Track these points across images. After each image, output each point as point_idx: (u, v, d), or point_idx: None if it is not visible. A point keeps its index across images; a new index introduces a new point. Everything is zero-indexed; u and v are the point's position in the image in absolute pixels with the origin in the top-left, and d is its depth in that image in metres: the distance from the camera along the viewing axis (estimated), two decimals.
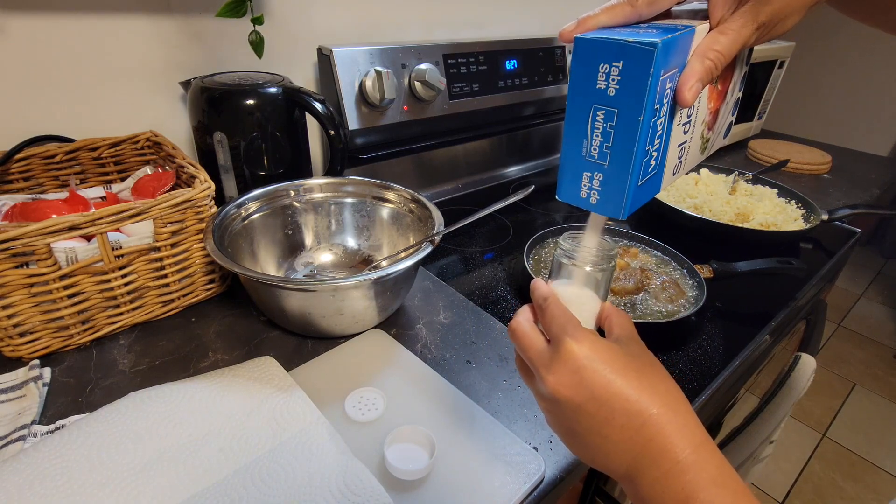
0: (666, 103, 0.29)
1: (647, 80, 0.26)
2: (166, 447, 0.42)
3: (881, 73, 2.44)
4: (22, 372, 0.50)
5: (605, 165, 0.29)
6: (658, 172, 0.32)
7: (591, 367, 0.29)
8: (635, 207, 0.31)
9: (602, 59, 0.27)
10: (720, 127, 0.40)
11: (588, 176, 0.30)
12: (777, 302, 0.74)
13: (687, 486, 0.26)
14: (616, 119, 0.28)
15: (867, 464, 1.61)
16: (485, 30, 1.05)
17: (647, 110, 0.27)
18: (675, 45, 0.28)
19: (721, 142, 0.41)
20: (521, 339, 0.33)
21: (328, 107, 0.68)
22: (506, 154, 1.15)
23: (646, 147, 0.29)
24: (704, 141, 0.37)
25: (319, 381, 0.51)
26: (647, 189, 0.31)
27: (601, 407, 0.29)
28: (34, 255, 0.47)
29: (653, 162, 0.31)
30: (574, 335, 0.30)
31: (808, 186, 1.18)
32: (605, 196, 0.30)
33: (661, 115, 0.29)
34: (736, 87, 0.39)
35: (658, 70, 0.26)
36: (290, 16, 0.78)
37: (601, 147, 0.29)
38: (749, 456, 0.84)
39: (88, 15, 0.63)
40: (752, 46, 0.32)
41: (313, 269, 0.68)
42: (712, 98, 0.35)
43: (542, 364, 0.31)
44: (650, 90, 0.26)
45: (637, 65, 0.26)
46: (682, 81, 0.29)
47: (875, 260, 2.74)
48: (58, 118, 0.66)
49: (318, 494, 0.39)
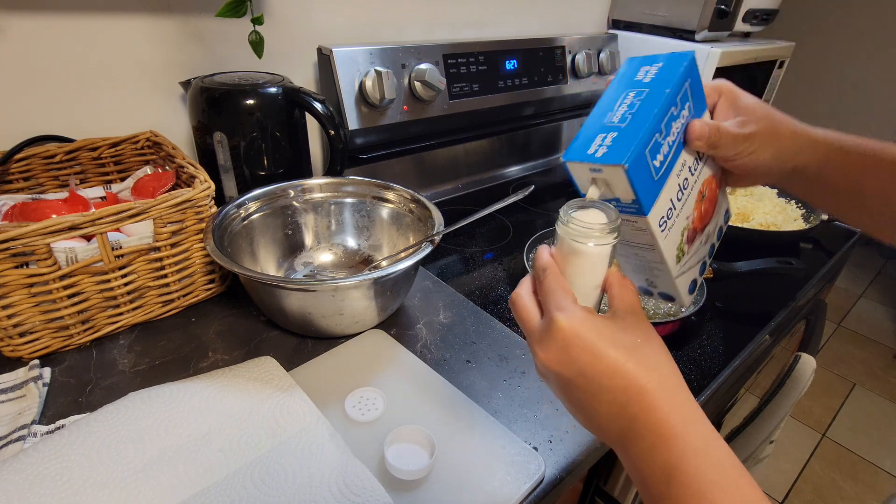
0: (678, 127, 0.34)
1: (679, 71, 0.34)
2: (166, 447, 0.42)
3: (881, 73, 2.44)
4: (22, 372, 0.50)
5: (623, 126, 0.33)
6: (657, 185, 0.34)
7: (579, 343, 0.29)
8: (634, 181, 0.32)
9: (644, 64, 0.36)
10: (697, 253, 0.40)
11: (602, 136, 0.33)
12: (777, 302, 0.74)
13: (672, 457, 0.26)
14: (645, 95, 0.34)
15: (867, 463, 1.61)
16: (485, 30, 1.05)
17: (672, 90, 0.33)
18: (696, 81, 0.35)
19: (695, 273, 0.41)
20: (519, 311, 0.33)
21: (328, 107, 0.68)
22: (506, 154, 1.15)
23: (660, 126, 0.33)
24: (680, 248, 0.38)
25: (319, 381, 0.51)
26: (644, 185, 0.33)
27: (590, 382, 0.29)
28: (34, 255, 0.47)
29: (659, 156, 0.33)
30: (564, 310, 0.30)
31: None
32: (612, 149, 0.32)
33: (674, 134, 0.34)
34: (715, 229, 0.42)
35: (687, 71, 0.34)
36: (290, 16, 0.78)
37: (624, 114, 0.33)
38: (749, 456, 0.84)
39: (88, 15, 0.63)
40: (733, 163, 0.38)
41: (313, 269, 0.68)
42: (698, 206, 0.39)
43: (535, 338, 0.32)
44: (679, 80, 0.33)
45: (673, 64, 0.34)
46: (692, 123, 0.35)
47: (875, 260, 2.74)
48: (58, 118, 0.66)
49: (318, 494, 0.39)
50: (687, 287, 0.41)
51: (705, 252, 0.42)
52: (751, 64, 1.24)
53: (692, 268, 0.41)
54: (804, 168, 0.39)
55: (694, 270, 0.41)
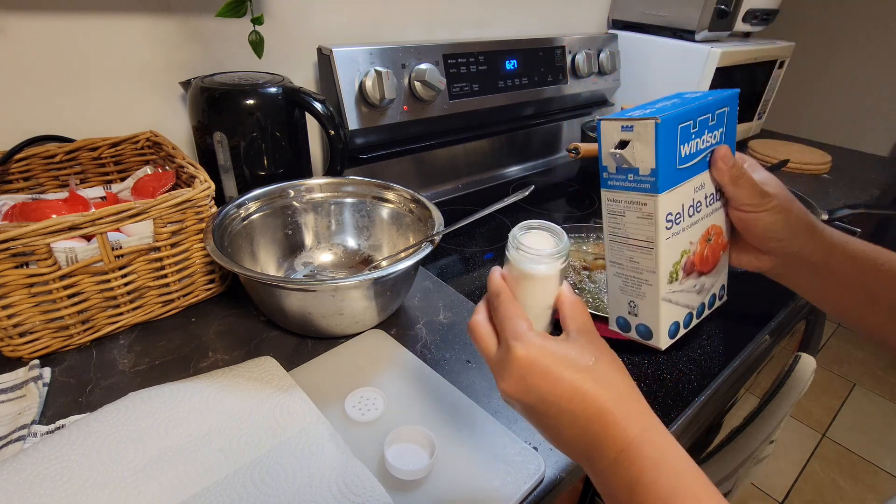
0: (707, 140, 0.36)
1: (722, 96, 0.37)
2: (166, 447, 0.42)
3: (881, 73, 2.44)
4: (22, 372, 0.50)
5: (661, 107, 0.35)
6: (677, 174, 0.35)
7: (537, 370, 0.30)
8: (661, 143, 0.33)
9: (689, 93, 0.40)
10: (688, 294, 0.40)
11: (641, 111, 0.35)
12: (777, 302, 0.74)
13: (632, 471, 0.28)
14: (685, 99, 0.37)
15: (867, 464, 1.61)
16: (485, 30, 1.05)
17: (713, 101, 0.36)
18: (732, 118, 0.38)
19: (679, 315, 0.40)
20: (477, 340, 0.34)
21: (328, 107, 0.68)
22: (506, 154, 1.15)
23: (696, 119, 0.34)
24: (676, 268, 0.37)
25: (319, 381, 0.51)
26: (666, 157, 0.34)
27: (551, 407, 0.30)
28: (34, 255, 0.47)
29: (686, 148, 0.35)
30: (520, 338, 0.31)
31: (808, 186, 1.18)
32: (648, 114, 0.33)
33: (704, 141, 0.36)
34: (710, 290, 0.43)
35: (728, 99, 0.38)
36: (290, 16, 0.78)
37: (663, 106, 0.35)
38: (749, 456, 0.84)
39: (88, 15, 0.63)
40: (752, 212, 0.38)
41: (313, 269, 0.68)
42: (703, 243, 0.39)
43: (495, 368, 0.33)
44: (720, 100, 0.37)
45: (715, 93, 0.38)
46: (720, 145, 0.37)
47: None
48: (58, 118, 0.66)
49: (318, 494, 0.39)
50: (669, 324, 0.39)
51: (694, 303, 0.41)
52: (751, 64, 1.24)
53: (679, 306, 0.39)
54: (810, 256, 0.39)
55: (679, 312, 0.39)
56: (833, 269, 0.39)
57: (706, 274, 0.40)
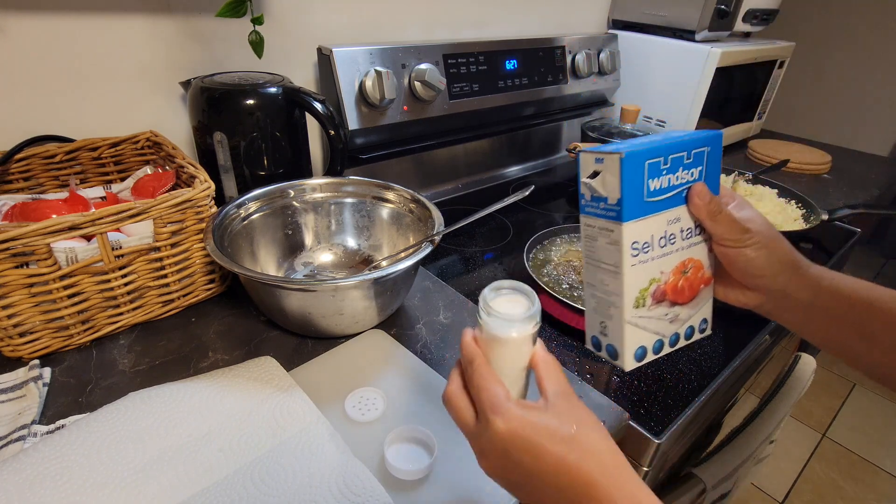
0: (682, 177, 0.37)
1: (702, 135, 0.38)
2: (166, 447, 0.42)
3: (881, 73, 2.44)
4: (22, 372, 0.50)
5: (636, 142, 0.37)
6: (643, 206, 0.37)
7: (519, 445, 0.29)
8: (625, 177, 0.35)
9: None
10: (658, 322, 0.41)
11: (618, 144, 0.37)
12: None
13: None
14: (664, 137, 0.38)
15: (867, 464, 1.61)
16: (485, 30, 1.05)
17: (688, 140, 0.37)
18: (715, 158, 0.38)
19: (648, 340, 0.41)
20: (454, 412, 0.33)
21: (328, 107, 0.68)
22: (506, 154, 1.15)
23: (666, 156, 0.36)
24: (643, 294, 0.39)
25: (319, 381, 0.51)
26: (632, 190, 0.36)
27: (535, 482, 0.30)
28: (34, 255, 0.47)
29: (656, 182, 0.37)
30: (499, 410, 0.30)
31: (808, 186, 1.18)
32: (618, 147, 0.35)
33: (677, 178, 0.37)
34: (686, 322, 0.43)
35: (708, 139, 0.38)
36: (290, 16, 0.78)
37: (641, 141, 0.37)
38: (749, 456, 0.84)
39: (88, 15, 0.63)
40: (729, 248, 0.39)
41: (313, 269, 0.68)
42: (677, 274, 0.40)
43: (474, 443, 0.32)
44: (699, 139, 0.38)
45: (699, 133, 0.38)
46: (697, 182, 0.38)
47: (875, 260, 2.74)
48: (58, 118, 0.66)
49: (318, 494, 0.39)
50: (635, 348, 0.40)
51: (666, 331, 0.42)
52: (751, 64, 1.24)
53: (647, 332, 0.40)
54: (796, 293, 0.39)
55: (648, 337, 0.41)
56: (821, 307, 0.39)
57: (682, 305, 0.41)
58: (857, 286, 0.38)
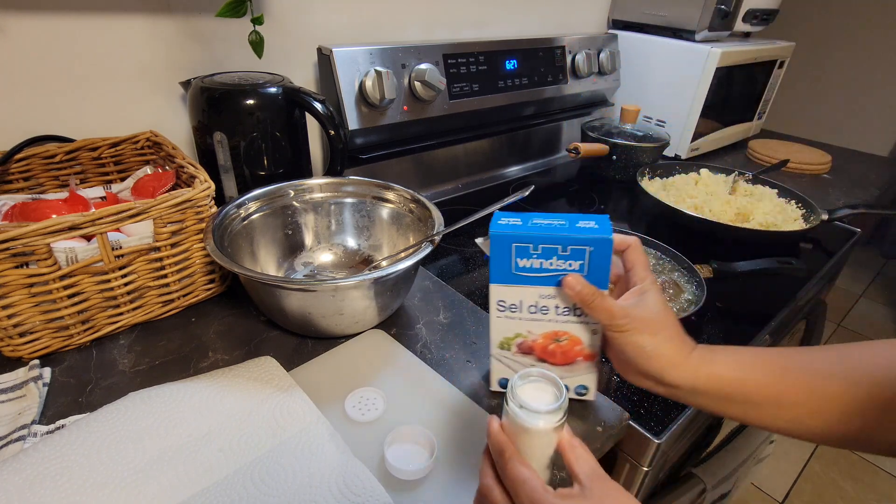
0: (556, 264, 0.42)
1: (588, 235, 0.41)
2: (166, 447, 0.42)
3: (881, 73, 2.44)
4: (22, 372, 0.50)
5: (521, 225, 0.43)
6: (511, 277, 0.43)
7: None
8: (492, 253, 0.43)
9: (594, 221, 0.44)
10: None
11: (511, 222, 0.44)
12: (777, 302, 0.74)
13: None
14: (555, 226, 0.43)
15: (867, 464, 1.61)
16: (485, 30, 1.05)
17: (566, 235, 0.41)
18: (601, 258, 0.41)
19: (510, 375, 0.46)
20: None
21: (328, 107, 0.68)
22: (506, 154, 1.15)
23: (537, 244, 0.42)
24: (508, 341, 0.47)
25: (319, 381, 0.51)
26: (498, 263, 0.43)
27: None
28: (34, 255, 0.47)
29: (525, 261, 0.43)
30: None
31: (808, 186, 1.18)
32: (498, 226, 0.43)
33: (550, 263, 0.42)
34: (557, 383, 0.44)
35: (593, 241, 0.41)
36: (290, 16, 0.78)
37: (536, 224, 0.44)
38: (749, 456, 0.84)
39: (88, 15, 0.63)
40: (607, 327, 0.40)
41: (313, 269, 0.68)
42: (547, 339, 0.46)
43: None
44: (580, 238, 0.41)
45: (596, 234, 0.41)
46: (568, 275, 0.41)
47: (875, 260, 2.74)
48: (58, 118, 0.66)
49: (318, 494, 0.39)
50: (498, 377, 0.50)
51: None
52: (751, 64, 1.24)
53: (510, 370, 0.49)
54: (679, 386, 0.38)
55: (510, 373, 0.49)
56: (702, 394, 0.38)
57: (554, 364, 0.47)
58: (755, 360, 0.38)
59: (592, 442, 0.48)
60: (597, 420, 0.50)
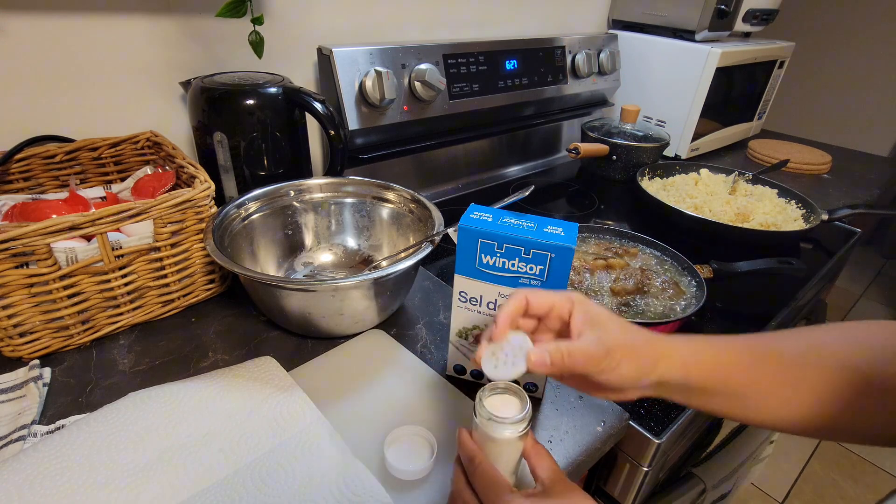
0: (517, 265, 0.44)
1: (551, 241, 0.42)
2: (166, 447, 0.42)
3: (881, 73, 2.44)
4: (22, 372, 0.50)
5: (491, 222, 0.44)
6: (475, 271, 0.45)
7: None
8: (460, 243, 0.44)
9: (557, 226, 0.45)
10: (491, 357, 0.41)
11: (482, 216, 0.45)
12: (777, 302, 0.74)
13: None
14: (521, 226, 0.44)
15: (867, 464, 1.61)
16: (485, 30, 1.05)
17: (530, 239, 0.42)
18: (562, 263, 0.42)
19: (466, 360, 0.52)
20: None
21: (328, 107, 0.68)
22: (506, 154, 1.15)
23: (501, 242, 0.43)
24: (466, 329, 0.50)
25: (319, 381, 0.51)
26: (464, 256, 0.45)
27: None
28: (34, 255, 0.47)
29: (487, 258, 0.44)
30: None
31: (808, 186, 1.18)
32: (469, 220, 0.44)
33: (511, 264, 0.44)
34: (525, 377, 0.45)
35: (553, 248, 0.42)
36: (290, 16, 0.78)
37: (506, 223, 0.44)
38: (749, 456, 0.84)
39: (88, 15, 0.63)
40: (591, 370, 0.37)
41: (313, 269, 0.68)
42: None
43: None
44: (542, 244, 0.42)
45: (557, 239, 0.42)
46: (530, 352, 0.36)
47: (875, 260, 2.74)
48: (58, 118, 0.66)
49: (318, 494, 0.39)
50: (454, 363, 0.53)
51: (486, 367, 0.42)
52: (751, 64, 1.24)
53: (466, 358, 0.52)
54: (668, 378, 0.36)
55: (466, 361, 0.52)
56: (693, 383, 0.37)
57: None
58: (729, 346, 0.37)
59: (592, 442, 0.48)
60: (597, 420, 0.50)
